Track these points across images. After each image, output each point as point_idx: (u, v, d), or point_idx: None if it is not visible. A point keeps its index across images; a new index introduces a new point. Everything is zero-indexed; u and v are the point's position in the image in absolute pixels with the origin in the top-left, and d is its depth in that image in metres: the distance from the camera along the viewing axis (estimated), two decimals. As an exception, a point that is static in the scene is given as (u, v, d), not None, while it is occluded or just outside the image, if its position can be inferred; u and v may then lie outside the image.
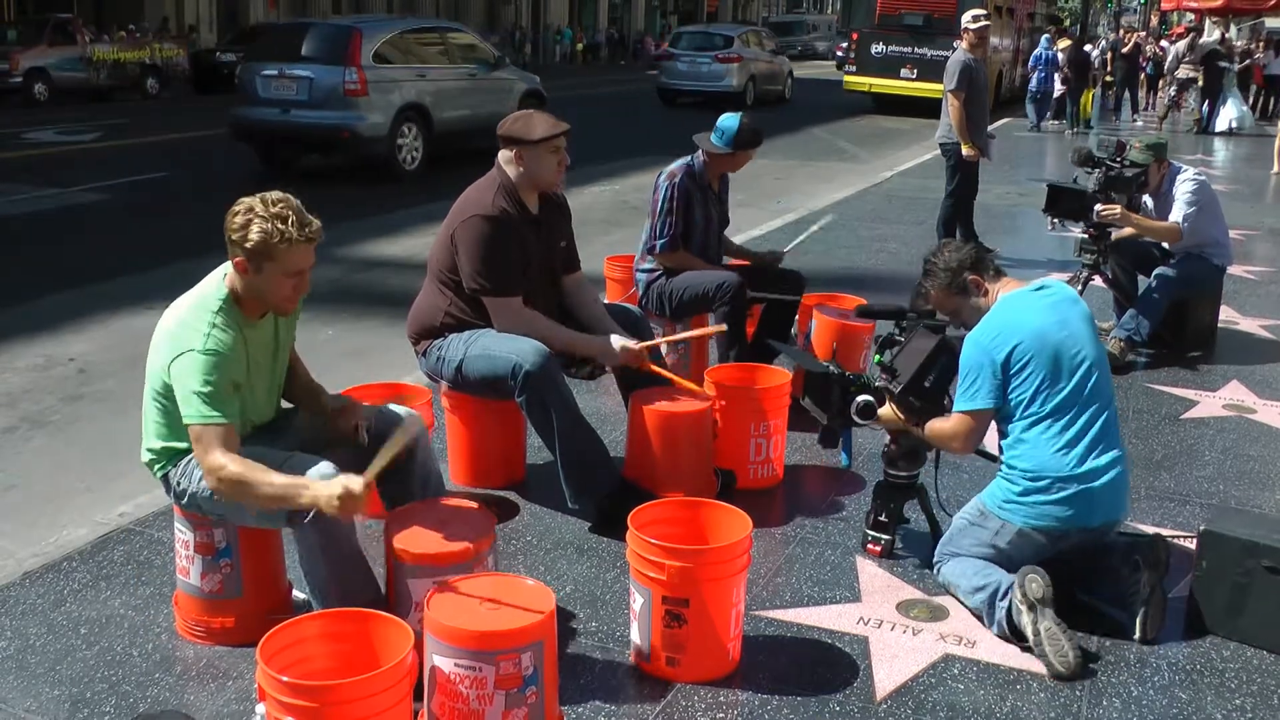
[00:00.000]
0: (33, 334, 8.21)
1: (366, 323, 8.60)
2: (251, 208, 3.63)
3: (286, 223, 3.59)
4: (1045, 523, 4.08)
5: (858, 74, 28.04)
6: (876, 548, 4.68)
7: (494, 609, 3.32)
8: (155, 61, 29.44)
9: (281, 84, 15.09)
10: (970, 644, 4.04)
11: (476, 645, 3.18)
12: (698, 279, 6.23)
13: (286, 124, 15.11)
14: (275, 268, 3.64)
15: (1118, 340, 7.25)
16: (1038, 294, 4.32)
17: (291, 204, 3.66)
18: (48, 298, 9.24)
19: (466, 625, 3.21)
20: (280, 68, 15.16)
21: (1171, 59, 26.13)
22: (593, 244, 9.98)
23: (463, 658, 3.19)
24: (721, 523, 3.98)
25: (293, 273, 3.67)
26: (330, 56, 14.98)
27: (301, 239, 3.61)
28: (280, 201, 3.65)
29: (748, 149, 6.36)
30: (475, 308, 4.91)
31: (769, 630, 4.14)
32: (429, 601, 3.34)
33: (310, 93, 14.88)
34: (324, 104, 14.82)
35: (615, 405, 5.93)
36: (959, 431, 4.22)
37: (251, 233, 3.59)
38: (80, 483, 5.76)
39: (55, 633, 4.06)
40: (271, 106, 15.18)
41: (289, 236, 3.59)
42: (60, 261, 10.61)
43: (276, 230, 3.58)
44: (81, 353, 7.78)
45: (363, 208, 13.41)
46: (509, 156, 4.94)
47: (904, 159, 18.69)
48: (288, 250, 3.60)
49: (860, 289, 7.76)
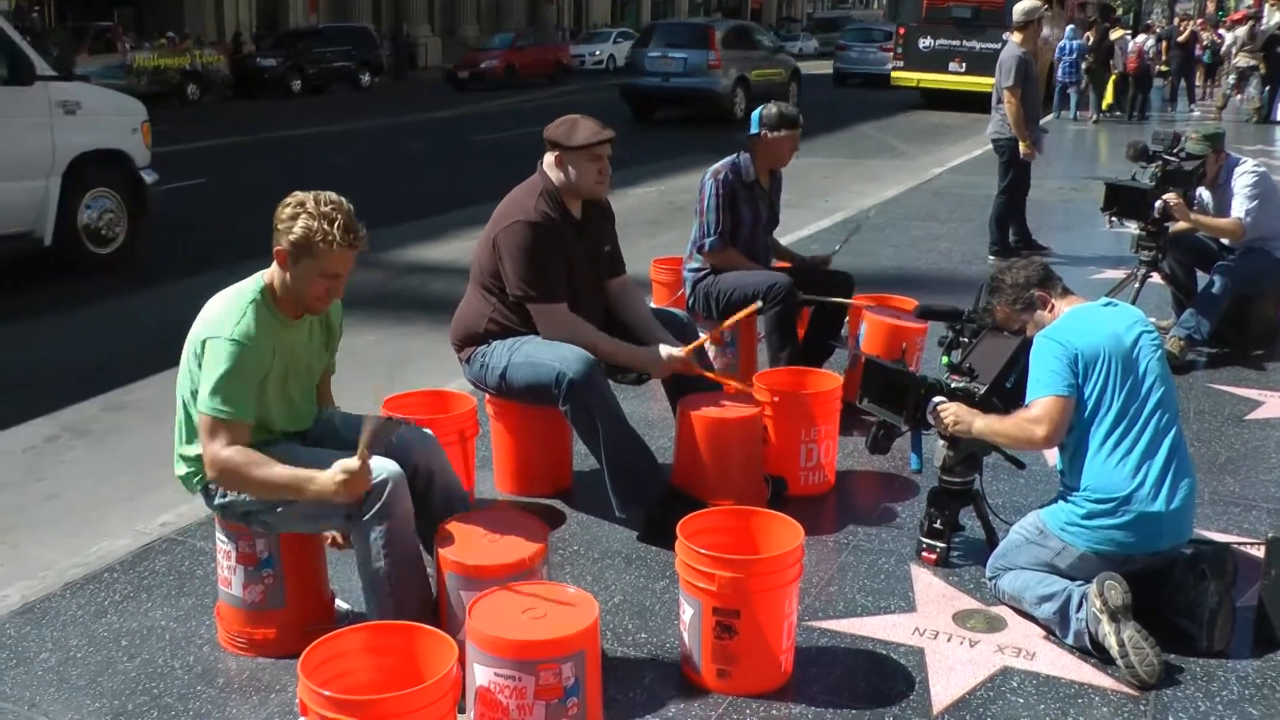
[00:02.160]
0: (76, 342, 8.32)
1: (410, 328, 8.63)
2: (303, 202, 3.69)
3: (333, 225, 3.64)
4: (1109, 548, 3.99)
5: (905, 69, 27.89)
6: (932, 556, 4.62)
7: (536, 618, 3.30)
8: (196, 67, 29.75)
9: (664, 62, 24.07)
10: (1030, 656, 3.98)
11: (516, 655, 3.17)
12: (746, 279, 6.19)
13: (666, 88, 24.24)
14: (312, 266, 3.69)
15: (1177, 339, 7.13)
16: (1107, 308, 4.27)
17: (343, 208, 3.71)
18: (92, 307, 9.35)
19: (506, 634, 3.19)
20: (663, 51, 24.23)
21: (1230, 46, 25.85)
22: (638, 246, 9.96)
23: (503, 667, 3.18)
24: (772, 531, 3.94)
25: (329, 274, 3.72)
26: (697, 43, 24.11)
27: (343, 244, 3.66)
28: (332, 203, 3.70)
29: (776, 130, 6.30)
30: (520, 314, 4.89)
31: (822, 641, 4.10)
32: (470, 610, 3.33)
33: (685, 67, 23.83)
34: (694, 74, 23.84)
35: (663, 411, 5.90)
36: (1043, 415, 4.02)
37: (296, 226, 3.65)
38: (121, 492, 5.80)
39: (96, 644, 4.08)
40: (654, 77, 24.20)
41: (331, 238, 3.64)
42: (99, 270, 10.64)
43: (321, 230, 3.63)
44: (124, 361, 7.82)
45: (407, 209, 13.49)
46: (551, 160, 4.92)
47: (953, 155, 18.57)
48: (327, 251, 3.65)
49: (912, 289, 7.69)
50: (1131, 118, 24.40)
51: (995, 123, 10.42)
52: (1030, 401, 4.09)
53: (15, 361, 7.88)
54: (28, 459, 6.27)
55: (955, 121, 24.79)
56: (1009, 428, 4.16)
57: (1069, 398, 4.02)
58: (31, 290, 9.72)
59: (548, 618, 3.30)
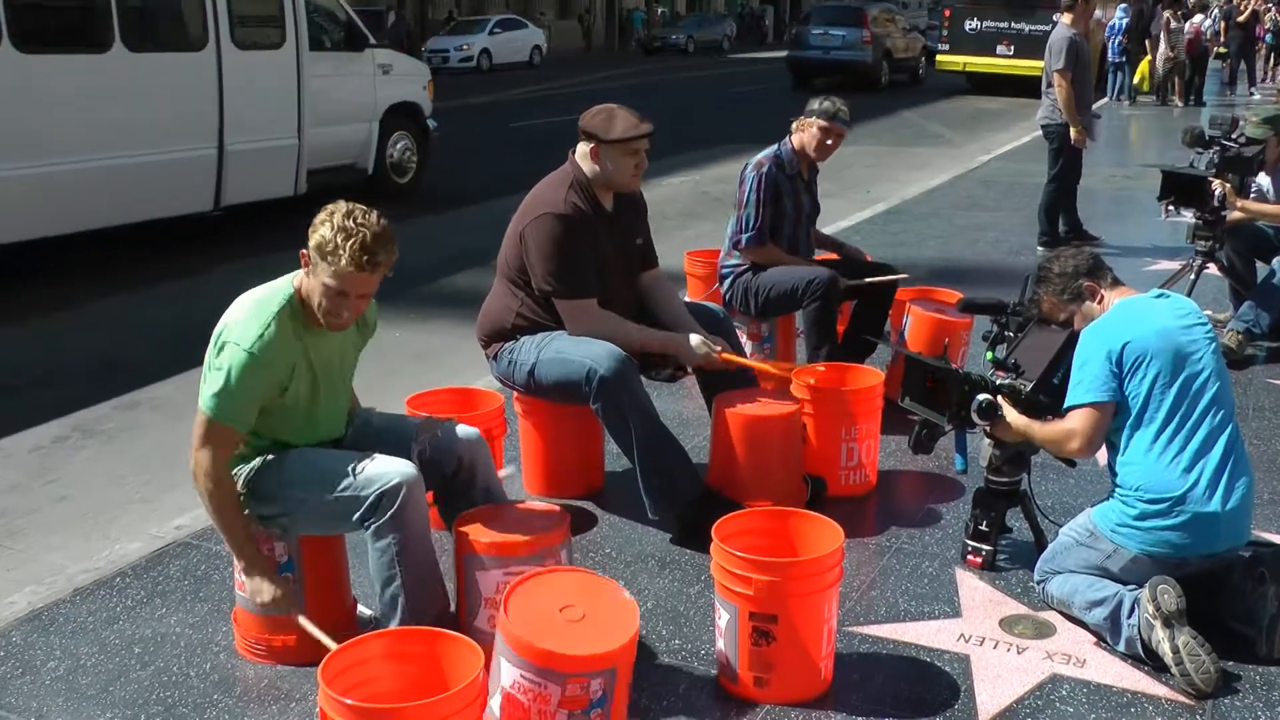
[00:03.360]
0: (87, 336, 8.37)
1: (435, 324, 8.66)
2: (334, 211, 3.65)
3: (349, 240, 3.58)
4: (1163, 550, 3.96)
5: (950, 52, 27.82)
6: (977, 559, 4.60)
7: (572, 620, 3.28)
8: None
9: (825, 37, 29.46)
10: (1080, 663, 3.96)
11: (545, 663, 3.16)
12: (786, 275, 6.18)
13: (825, 60, 29.68)
14: (322, 274, 3.65)
15: (1235, 333, 7.07)
16: (1159, 300, 4.24)
17: (371, 227, 3.62)
18: (101, 301, 9.41)
19: (538, 640, 3.17)
20: (824, 29, 29.64)
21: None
22: (671, 238, 9.98)
23: (529, 671, 3.17)
24: (811, 533, 3.93)
25: (336, 290, 3.66)
26: (853, 23, 29.37)
27: (351, 263, 3.59)
28: (362, 219, 3.63)
29: (827, 119, 6.27)
30: (548, 309, 4.90)
31: (863, 648, 4.08)
32: (508, 600, 3.31)
33: (843, 42, 29.16)
34: (849, 48, 29.28)
35: (697, 409, 5.90)
36: (1076, 429, 4.05)
37: (318, 231, 3.64)
38: (134, 494, 5.83)
39: (108, 652, 4.09)
40: (816, 50, 29.83)
41: (340, 254, 3.58)
42: (112, 262, 10.78)
43: (334, 242, 3.59)
44: (137, 357, 7.89)
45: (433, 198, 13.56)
46: (585, 151, 4.91)
47: (1001, 142, 18.51)
48: (336, 264, 3.60)
49: (957, 282, 7.64)
50: (1188, 102, 24.22)
51: (1045, 108, 10.36)
52: (1067, 409, 4.10)
53: (23, 359, 7.92)
54: (36, 460, 6.29)
55: (1003, 107, 24.68)
56: (1048, 435, 4.19)
57: (1106, 404, 4.01)
58: (36, 288, 9.76)
59: (586, 621, 3.29)
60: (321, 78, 12.42)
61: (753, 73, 37.27)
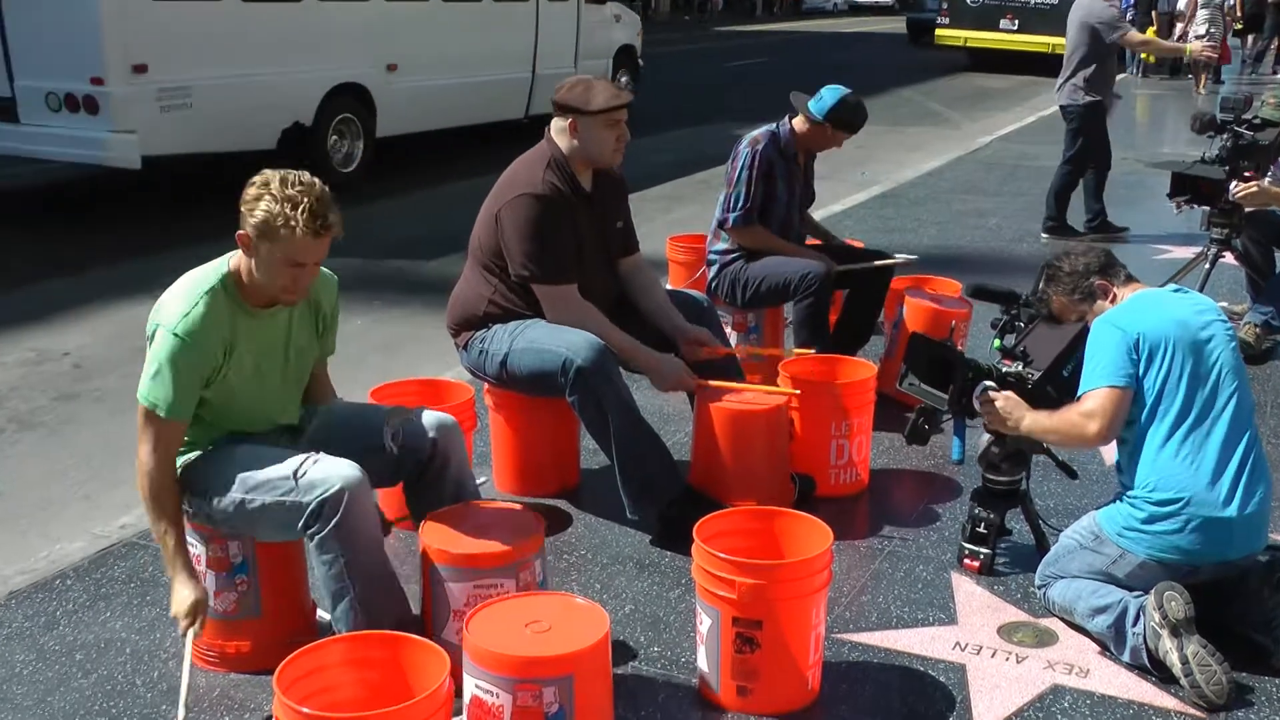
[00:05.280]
0: (23, 325, 8.27)
1: (400, 311, 8.64)
2: (268, 182, 3.65)
3: (297, 209, 3.59)
4: (1173, 555, 3.97)
5: (950, 26, 27.87)
6: (974, 563, 4.63)
7: (539, 632, 3.30)
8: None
9: None
10: (1083, 673, 3.99)
11: (494, 668, 3.17)
12: (778, 267, 6.19)
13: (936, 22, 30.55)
14: (275, 251, 3.65)
15: (1252, 326, 7.10)
16: (1175, 293, 4.27)
17: (313, 190, 3.65)
18: (40, 284, 9.32)
19: (490, 645, 3.19)
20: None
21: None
22: (653, 222, 10.00)
23: (483, 680, 3.19)
24: (799, 534, 3.95)
25: (293, 263, 3.68)
26: None
27: (306, 231, 3.61)
28: (301, 185, 3.65)
29: (841, 129, 6.30)
30: (522, 295, 4.91)
31: (853, 656, 4.10)
32: (470, 616, 3.34)
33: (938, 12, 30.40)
34: None
35: (679, 402, 5.91)
36: (1095, 409, 4.01)
37: (258, 208, 3.62)
38: (76, 490, 5.80)
39: (46, 660, 4.08)
40: (931, 12, 31.98)
41: (294, 224, 3.59)
42: (55, 243, 10.71)
43: (283, 214, 3.59)
44: (78, 346, 7.84)
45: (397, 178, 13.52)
46: (562, 126, 4.92)
47: (1004, 122, 18.56)
48: (290, 238, 3.61)
49: (955, 270, 7.67)
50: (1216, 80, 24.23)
51: (1068, 89, 10.30)
52: (1083, 393, 4.09)
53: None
54: (-33, 454, 6.25)
55: (1007, 85, 24.74)
56: (1059, 424, 4.15)
57: (1126, 389, 4.01)
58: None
59: (550, 633, 3.30)
60: (586, 23, 17.44)
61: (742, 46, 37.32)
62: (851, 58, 32.97)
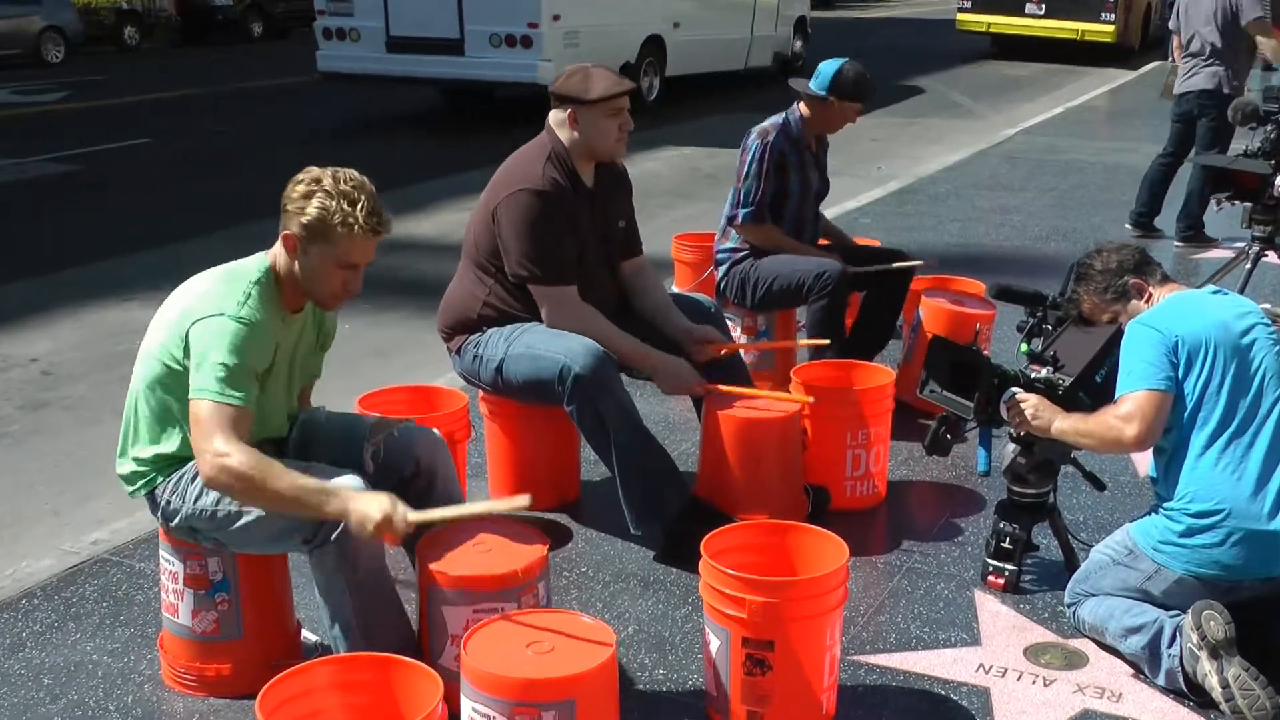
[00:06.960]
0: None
1: (391, 315, 8.64)
2: (319, 179, 3.68)
3: (355, 206, 3.64)
4: (1212, 571, 3.95)
5: (973, 11, 27.73)
6: (999, 580, 4.62)
7: (541, 653, 3.30)
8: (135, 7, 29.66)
9: None
10: (1115, 697, 3.98)
11: (489, 690, 3.17)
12: (791, 266, 6.17)
13: None
14: (327, 253, 3.68)
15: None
16: (1215, 294, 4.26)
17: (365, 187, 3.71)
18: (4, 288, 9.28)
19: (486, 666, 3.19)
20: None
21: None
22: (657, 220, 9.99)
23: (479, 702, 3.20)
24: (812, 550, 3.95)
25: (345, 264, 3.71)
26: None
27: (365, 229, 3.65)
28: (353, 181, 3.70)
29: (847, 100, 6.28)
30: (519, 297, 4.91)
31: (870, 679, 4.10)
32: (468, 637, 3.34)
33: None
34: None
35: (685, 410, 5.92)
36: (1135, 411, 3.98)
37: (311, 206, 3.65)
38: (44, 505, 5.81)
39: (12, 684, 4.07)
40: None
41: (351, 222, 3.63)
42: (19, 245, 10.72)
43: (340, 211, 3.63)
44: (45, 352, 7.83)
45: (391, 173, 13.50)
46: (562, 118, 4.92)
47: (1029, 114, 18.52)
48: (347, 237, 3.65)
49: (978, 270, 7.65)
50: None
51: (1204, 76, 9.92)
52: (1120, 396, 4.07)
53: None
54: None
55: (1032, 74, 24.73)
56: (1095, 427, 4.12)
57: (1166, 392, 3.99)
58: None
59: (553, 654, 3.30)
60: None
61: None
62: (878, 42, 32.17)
